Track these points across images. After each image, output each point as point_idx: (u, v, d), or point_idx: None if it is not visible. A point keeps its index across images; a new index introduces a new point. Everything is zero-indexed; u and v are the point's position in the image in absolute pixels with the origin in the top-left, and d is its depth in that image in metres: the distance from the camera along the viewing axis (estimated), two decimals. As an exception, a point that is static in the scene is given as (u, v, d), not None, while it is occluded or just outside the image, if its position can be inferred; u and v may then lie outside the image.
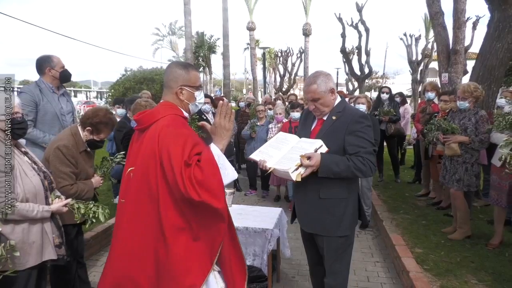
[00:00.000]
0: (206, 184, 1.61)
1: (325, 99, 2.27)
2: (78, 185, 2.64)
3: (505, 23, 5.20)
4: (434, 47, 12.03)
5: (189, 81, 1.89)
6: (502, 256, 3.70)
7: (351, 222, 2.34)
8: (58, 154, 2.56)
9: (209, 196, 1.61)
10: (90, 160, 2.85)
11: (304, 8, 26.86)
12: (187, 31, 19.55)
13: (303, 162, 2.10)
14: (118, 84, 15.75)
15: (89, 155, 2.83)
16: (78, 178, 2.68)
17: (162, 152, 1.68)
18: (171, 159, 1.64)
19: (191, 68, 1.94)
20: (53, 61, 3.57)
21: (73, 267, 2.83)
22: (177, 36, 35.84)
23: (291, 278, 3.62)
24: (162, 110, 1.84)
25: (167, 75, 1.91)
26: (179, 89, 1.87)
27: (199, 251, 1.72)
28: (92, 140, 2.74)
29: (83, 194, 2.64)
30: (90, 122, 2.69)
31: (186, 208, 1.68)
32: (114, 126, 2.85)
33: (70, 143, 2.63)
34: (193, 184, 1.59)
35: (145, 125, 1.83)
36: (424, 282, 3.14)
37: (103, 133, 2.75)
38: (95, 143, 2.78)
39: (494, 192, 3.93)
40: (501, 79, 5.75)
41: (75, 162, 2.64)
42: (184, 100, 1.89)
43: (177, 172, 1.61)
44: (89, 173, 2.80)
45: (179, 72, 1.88)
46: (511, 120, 3.51)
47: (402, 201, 5.65)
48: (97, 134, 2.74)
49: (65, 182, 2.55)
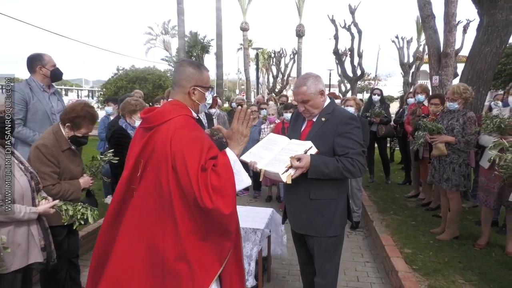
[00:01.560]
0: (222, 190, 1.59)
1: (314, 100, 2.29)
2: (61, 185, 2.55)
3: (493, 28, 5.29)
4: (426, 49, 12.15)
5: (202, 82, 1.85)
6: (489, 256, 3.76)
7: (341, 222, 2.37)
8: (37, 154, 2.48)
9: (222, 202, 1.59)
10: (75, 159, 2.74)
11: (298, 9, 26.93)
12: (180, 31, 19.48)
13: (293, 163, 2.11)
14: (110, 83, 15.60)
15: (74, 154, 2.72)
16: (61, 178, 2.59)
17: (176, 156, 1.62)
18: (186, 163, 1.59)
19: (204, 68, 1.90)
20: (44, 59, 3.54)
21: (64, 267, 2.78)
22: (170, 36, 35.61)
23: (282, 278, 3.63)
24: (173, 110, 1.77)
25: (179, 73, 1.85)
26: (192, 89, 1.82)
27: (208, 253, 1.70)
28: (74, 136, 2.63)
29: (67, 195, 2.55)
30: (68, 117, 2.59)
31: (197, 213, 1.64)
32: (94, 119, 2.71)
33: (50, 142, 2.54)
34: (208, 191, 1.56)
35: (153, 124, 1.76)
36: (412, 282, 3.18)
37: (83, 127, 2.63)
38: (78, 140, 2.67)
39: (482, 193, 3.99)
40: (489, 82, 5.85)
41: (56, 161, 2.54)
42: (196, 101, 1.85)
43: (193, 177, 1.57)
44: (75, 172, 2.70)
45: (192, 72, 1.83)
46: (498, 123, 3.59)
47: (392, 202, 5.71)
48: (78, 129, 2.62)
49: (46, 182, 2.46)
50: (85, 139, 2.71)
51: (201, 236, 1.68)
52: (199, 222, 1.66)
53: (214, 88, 23.97)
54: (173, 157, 1.63)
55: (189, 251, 1.66)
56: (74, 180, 2.68)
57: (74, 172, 2.69)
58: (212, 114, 6.63)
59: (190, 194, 1.60)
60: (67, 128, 2.62)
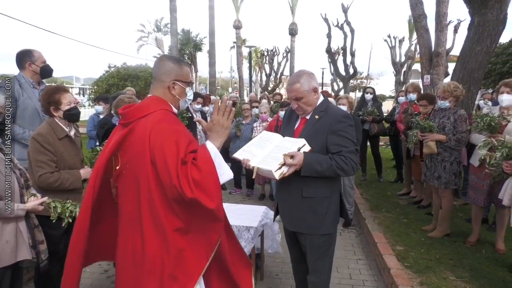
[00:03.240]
0: (203, 184, 1.55)
1: (308, 98, 2.28)
2: (60, 173, 2.55)
3: (484, 27, 5.34)
4: (417, 49, 12.26)
5: (182, 76, 1.82)
6: (479, 253, 3.81)
7: (333, 220, 2.37)
8: (34, 144, 2.52)
9: (204, 196, 1.55)
10: (74, 148, 2.75)
11: (291, 8, 26.96)
12: (172, 28, 19.38)
13: (286, 161, 2.11)
14: (102, 80, 15.47)
15: (72, 142, 2.74)
16: (57, 166, 2.58)
17: (155, 150, 1.59)
18: (165, 157, 1.56)
19: (183, 63, 1.88)
20: (34, 55, 3.49)
21: (60, 263, 2.73)
22: (162, 33, 35.37)
23: (275, 276, 3.64)
24: (152, 104, 1.74)
25: (159, 68, 1.81)
26: (172, 83, 1.79)
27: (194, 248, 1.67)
28: (64, 113, 2.64)
29: (67, 184, 2.55)
30: (46, 103, 2.62)
31: (179, 209, 1.62)
32: (63, 88, 2.75)
33: (45, 130, 2.57)
34: (189, 182, 1.53)
35: (130, 120, 1.72)
36: (404, 279, 3.21)
37: (62, 99, 2.63)
38: (70, 113, 2.68)
39: (472, 192, 4.04)
40: (480, 81, 5.91)
41: (53, 150, 2.55)
42: (176, 96, 1.81)
43: (172, 170, 1.54)
44: (71, 162, 2.68)
45: (172, 66, 1.80)
46: (488, 121, 3.63)
47: (384, 200, 5.75)
48: (60, 104, 2.63)
49: (43, 170, 2.47)
50: (74, 110, 2.72)
51: (185, 231, 1.65)
52: (183, 218, 1.63)
53: (207, 86, 23.93)
54: (152, 151, 1.59)
55: (174, 247, 1.63)
56: (74, 170, 2.68)
57: (70, 162, 2.67)
58: (206, 112, 6.62)
59: (169, 188, 1.56)
60: (53, 111, 2.63)
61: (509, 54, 10.82)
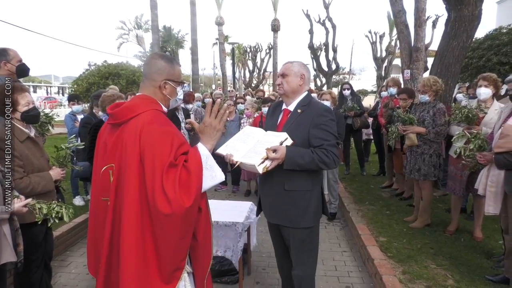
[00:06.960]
0: (188, 187, 1.54)
1: (292, 78, 2.38)
2: (30, 178, 2.43)
3: (460, 22, 5.49)
4: (397, 44, 12.47)
5: (173, 76, 1.79)
6: (458, 242, 3.94)
7: (315, 213, 2.40)
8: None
9: (184, 196, 1.53)
10: (38, 150, 2.59)
11: (273, 4, 26.98)
12: (153, 25, 19.08)
13: (269, 155, 2.12)
14: (82, 79, 15.12)
15: (35, 144, 2.57)
16: (24, 171, 2.44)
17: (145, 152, 1.55)
18: (155, 159, 1.53)
19: (176, 62, 1.84)
20: (9, 54, 3.38)
21: (40, 269, 2.66)
22: (143, 30, 34.79)
23: (262, 270, 3.67)
24: (142, 104, 1.70)
25: (150, 66, 1.77)
26: (163, 82, 1.75)
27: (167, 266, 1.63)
28: (22, 115, 2.46)
29: (39, 188, 2.44)
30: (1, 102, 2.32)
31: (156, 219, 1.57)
32: (21, 88, 2.53)
33: (3, 134, 2.35)
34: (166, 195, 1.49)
35: (120, 120, 1.68)
36: (387, 269, 3.29)
37: (20, 99, 2.44)
38: (29, 115, 2.49)
39: (451, 182, 4.17)
40: (457, 75, 6.07)
41: (18, 154, 2.39)
42: (167, 95, 1.78)
43: (157, 174, 1.51)
44: (38, 164, 2.54)
45: (164, 65, 1.76)
46: (466, 113, 3.75)
47: (367, 193, 5.86)
48: (17, 105, 2.44)
49: (11, 177, 2.29)
50: (35, 110, 2.55)
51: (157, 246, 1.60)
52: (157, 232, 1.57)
53: (190, 83, 23.73)
54: (142, 153, 1.56)
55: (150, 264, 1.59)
56: (44, 172, 2.56)
57: (36, 164, 2.53)
58: (189, 110, 6.57)
59: (150, 195, 1.52)
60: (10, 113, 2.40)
61: (485, 49, 11.10)
